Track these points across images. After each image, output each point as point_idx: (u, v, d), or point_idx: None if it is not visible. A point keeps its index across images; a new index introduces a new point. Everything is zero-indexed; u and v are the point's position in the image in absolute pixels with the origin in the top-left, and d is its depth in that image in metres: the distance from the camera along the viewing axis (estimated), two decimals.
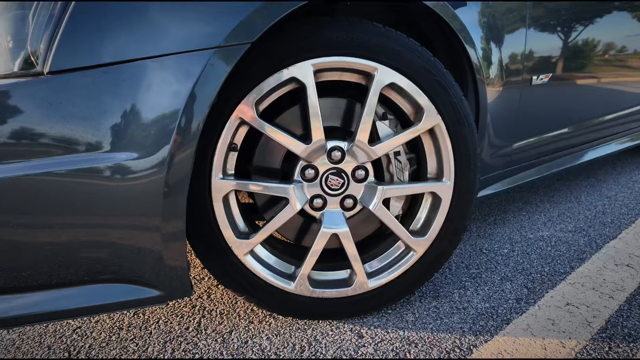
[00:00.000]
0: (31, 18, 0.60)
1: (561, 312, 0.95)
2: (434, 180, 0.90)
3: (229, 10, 0.63)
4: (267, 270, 0.86)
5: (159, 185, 0.62)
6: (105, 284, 0.66)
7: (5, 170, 0.57)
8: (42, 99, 0.58)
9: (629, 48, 1.58)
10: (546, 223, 1.46)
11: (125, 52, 0.59)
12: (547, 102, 1.28)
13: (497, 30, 1.00)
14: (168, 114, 0.60)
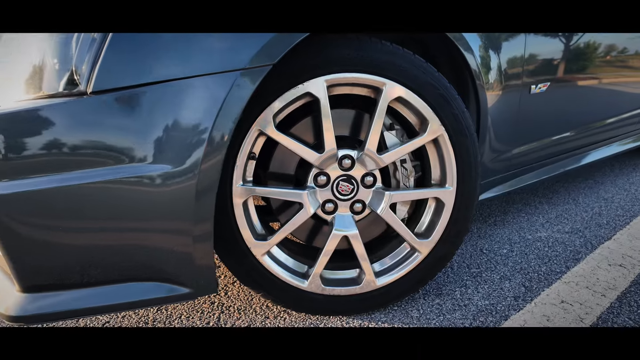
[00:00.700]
0: (74, 44, 0.67)
1: (556, 309, 1.01)
2: (438, 186, 0.96)
3: (252, 36, 0.69)
4: (282, 269, 0.93)
5: (190, 192, 0.69)
6: (142, 282, 0.73)
7: (61, 180, 0.64)
8: (86, 117, 0.65)
9: (624, 55, 1.64)
10: (544, 224, 1.52)
11: (161, 73, 0.66)
12: (545, 109, 1.34)
13: (497, 47, 1.07)
14: (200, 129, 0.67)
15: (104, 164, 0.65)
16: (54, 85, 0.67)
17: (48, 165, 0.65)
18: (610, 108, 1.71)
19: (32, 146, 0.65)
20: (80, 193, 0.65)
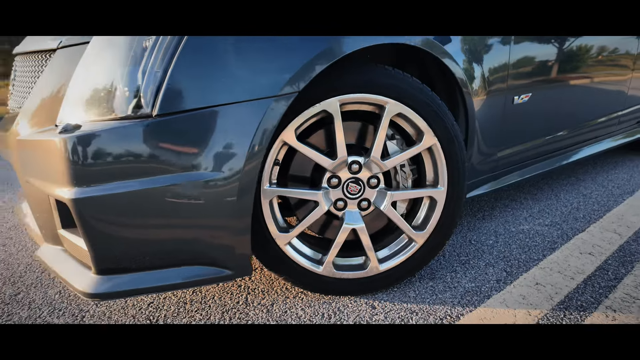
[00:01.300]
0: (140, 75, 0.83)
1: (531, 289, 1.20)
2: (431, 187, 1.14)
3: (281, 70, 0.86)
4: (301, 256, 1.11)
5: (234, 193, 0.86)
6: (194, 266, 0.91)
7: (134, 185, 0.81)
8: (153, 135, 0.82)
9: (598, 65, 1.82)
10: (527, 218, 1.70)
11: (212, 100, 0.83)
12: (527, 117, 1.52)
13: (482, 66, 1.24)
14: (242, 143, 0.84)
15: (168, 171, 0.83)
16: (123, 109, 0.84)
17: (123, 174, 0.82)
18: (588, 113, 1.89)
19: (110, 159, 0.82)
20: (149, 195, 0.83)
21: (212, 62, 0.83)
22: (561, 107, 1.67)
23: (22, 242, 1.60)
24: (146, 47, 0.84)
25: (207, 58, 0.83)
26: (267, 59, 0.87)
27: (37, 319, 1.11)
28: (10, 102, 1.27)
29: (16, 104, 1.19)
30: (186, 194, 0.84)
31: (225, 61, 0.84)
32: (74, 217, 0.83)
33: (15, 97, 1.21)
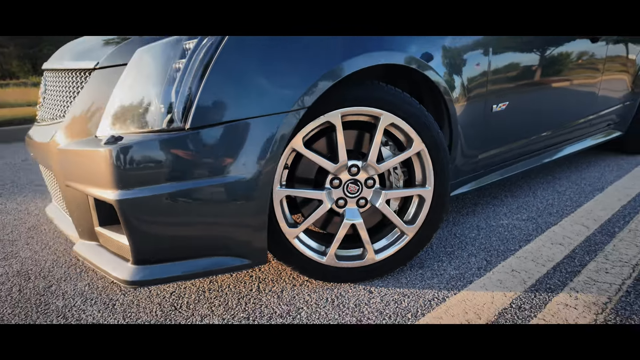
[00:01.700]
0: (174, 94, 0.98)
1: (507, 275, 1.37)
2: (420, 187, 1.31)
3: (294, 89, 1.02)
4: (307, 248, 1.26)
5: (254, 194, 1.01)
6: (219, 257, 1.06)
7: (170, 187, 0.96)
8: (186, 145, 0.96)
9: (570, 74, 2.00)
10: (506, 213, 1.88)
11: (236, 115, 0.98)
12: (505, 123, 1.69)
13: (463, 79, 1.41)
14: (262, 151, 1.00)
15: (198, 176, 0.97)
16: (158, 123, 0.98)
17: (159, 179, 0.96)
18: (562, 118, 2.08)
19: (148, 166, 0.96)
20: (182, 197, 0.97)
21: (236, 82, 0.99)
22: (536, 114, 1.85)
23: (44, 241, 1.72)
24: (178, 69, 0.99)
25: (232, 79, 0.98)
26: (282, 80, 1.02)
27: (72, 307, 1.25)
28: (41, 113, 1.40)
29: (48, 115, 1.32)
30: (213, 196, 0.99)
31: (247, 82, 0.99)
32: (119, 216, 0.98)
33: (47, 108, 1.35)
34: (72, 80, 1.21)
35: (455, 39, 1.36)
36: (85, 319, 1.19)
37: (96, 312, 1.22)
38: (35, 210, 2.10)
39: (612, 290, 1.28)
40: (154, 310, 1.22)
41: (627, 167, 2.66)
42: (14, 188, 2.49)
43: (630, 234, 1.67)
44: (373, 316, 1.17)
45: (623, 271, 1.38)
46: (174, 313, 1.20)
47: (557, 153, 2.18)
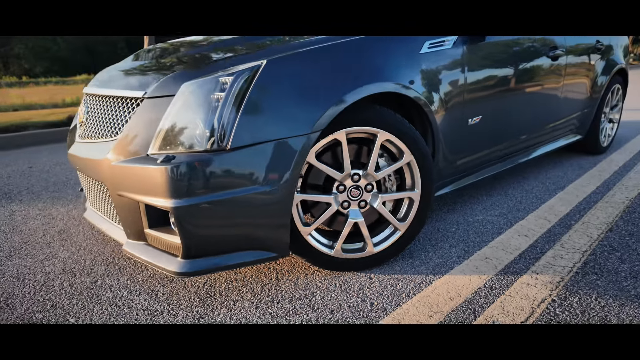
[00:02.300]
0: (217, 122, 1.22)
1: (482, 262, 1.66)
2: (410, 190, 1.58)
3: (312, 115, 1.27)
4: (318, 243, 1.52)
5: (279, 200, 1.27)
6: (254, 250, 1.31)
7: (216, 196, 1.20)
8: (227, 162, 1.21)
9: (535, 89, 2.32)
10: (481, 210, 2.19)
11: (267, 137, 1.23)
12: (479, 134, 1.98)
13: (444, 99, 1.69)
14: (286, 166, 1.25)
15: (237, 186, 1.22)
16: (204, 145, 1.22)
17: (206, 189, 1.20)
18: (530, 126, 2.39)
19: (197, 179, 1.20)
20: (224, 203, 1.22)
21: (265, 111, 1.24)
22: (507, 124, 2.16)
23: (77, 243, 1.93)
24: (218, 100, 1.23)
25: (262, 109, 1.23)
26: (302, 108, 1.28)
27: (121, 298, 1.47)
28: (82, 131, 1.62)
29: (92, 134, 1.54)
30: (250, 202, 1.24)
31: (274, 111, 1.25)
32: (174, 220, 1.22)
33: (90, 128, 1.56)
34: (120, 106, 1.44)
35: (433, 62, 1.64)
36: (135, 307, 1.42)
37: (143, 301, 1.45)
38: (58, 215, 2.29)
39: (564, 271, 1.58)
40: (192, 298, 1.46)
41: (587, 166, 3.01)
42: (30, 195, 2.66)
43: (583, 226, 1.99)
44: (374, 297, 1.44)
45: (574, 257, 1.69)
46: (210, 299, 1.45)
47: (526, 156, 2.49)
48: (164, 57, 1.66)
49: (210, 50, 1.60)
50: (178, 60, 1.55)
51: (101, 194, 1.55)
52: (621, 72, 3.31)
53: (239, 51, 1.46)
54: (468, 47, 1.80)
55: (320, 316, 1.34)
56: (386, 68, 1.47)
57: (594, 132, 3.17)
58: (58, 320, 1.36)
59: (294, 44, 1.41)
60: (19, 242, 1.95)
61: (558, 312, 1.34)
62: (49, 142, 4.44)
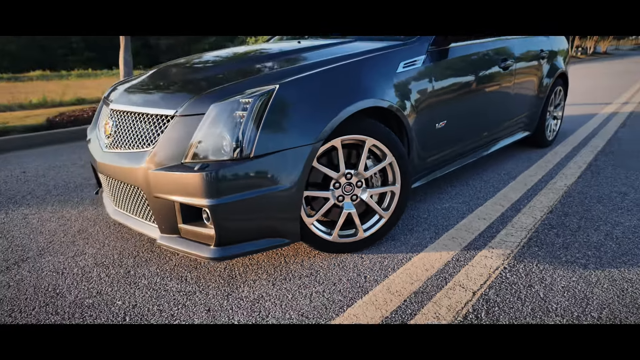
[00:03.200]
0: (242, 134, 1.52)
1: (450, 241, 2.05)
2: (392, 185, 1.94)
3: (317, 127, 1.60)
4: (319, 231, 1.85)
5: (292, 197, 1.59)
6: (271, 238, 1.62)
7: (243, 195, 1.50)
8: (250, 168, 1.51)
9: (492, 95, 2.73)
10: (448, 199, 2.59)
11: (282, 146, 1.54)
12: (445, 136, 2.37)
13: (417, 109, 2.05)
14: (297, 169, 1.57)
15: (259, 187, 1.53)
16: (231, 154, 1.52)
17: (234, 190, 1.50)
18: (488, 126, 2.82)
19: (227, 182, 1.50)
20: (249, 201, 1.52)
21: (281, 126, 1.55)
22: (468, 126, 2.56)
23: (99, 240, 2.16)
24: (241, 117, 1.53)
25: (278, 124, 1.54)
26: (309, 123, 1.60)
27: (156, 283, 1.75)
28: (110, 142, 1.86)
29: (122, 145, 1.79)
30: (269, 199, 1.55)
31: (288, 125, 1.56)
32: (210, 215, 1.51)
33: (120, 140, 1.81)
34: (152, 122, 1.70)
35: (407, 79, 2.00)
36: (170, 290, 1.70)
37: (176, 285, 1.73)
38: (71, 216, 2.49)
39: (514, 246, 1.99)
40: (217, 280, 1.75)
41: (535, 158, 3.50)
42: (36, 199, 2.83)
43: (530, 209, 2.42)
44: (367, 272, 1.79)
45: (522, 234, 2.11)
46: (233, 280, 1.75)
47: (486, 151, 2.92)
48: (181, 78, 1.93)
49: (225, 72, 1.88)
50: (197, 81, 1.83)
51: (132, 196, 1.81)
52: (562, 75, 3.82)
53: (251, 73, 1.76)
54: (434, 64, 2.18)
55: (326, 288, 1.68)
56: (371, 87, 1.82)
57: (541, 128, 3.67)
58: (107, 304, 1.62)
59: (294, 68, 1.73)
60: (44, 242, 2.16)
61: (508, 276, 1.74)
62: (30, 147, 4.49)
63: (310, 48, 2.14)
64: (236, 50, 2.57)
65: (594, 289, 1.65)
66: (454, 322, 1.46)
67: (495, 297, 1.60)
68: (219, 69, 1.95)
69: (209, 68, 2.07)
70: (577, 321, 1.45)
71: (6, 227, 2.36)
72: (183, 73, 2.02)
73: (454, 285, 1.68)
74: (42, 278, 1.82)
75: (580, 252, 1.93)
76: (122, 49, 5.88)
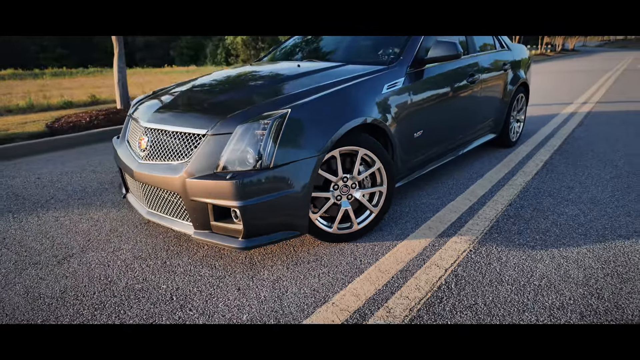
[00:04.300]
0: (262, 148, 1.92)
1: (427, 230, 2.50)
2: (380, 186, 2.38)
3: (322, 141, 2.01)
4: (321, 225, 2.27)
5: (303, 197, 2.00)
6: (286, 231, 2.03)
7: (262, 197, 1.91)
8: (270, 177, 1.92)
9: (462, 104, 3.20)
10: (425, 196, 3.05)
11: (295, 157, 1.95)
12: (424, 143, 2.82)
13: (399, 123, 2.50)
14: (307, 176, 1.98)
15: (278, 190, 1.93)
16: (254, 164, 1.92)
17: (258, 194, 1.89)
18: (459, 132, 3.29)
19: (252, 187, 1.90)
20: (270, 202, 1.93)
21: (293, 141, 1.96)
22: (441, 133, 3.03)
23: (131, 238, 2.52)
24: (262, 135, 1.93)
25: (292, 140, 1.95)
26: (316, 138, 2.01)
27: (191, 270, 2.13)
28: (144, 155, 2.23)
29: (156, 157, 2.16)
30: (285, 200, 1.96)
31: (299, 140, 1.97)
32: (239, 213, 1.91)
33: (156, 153, 2.18)
34: (186, 139, 2.08)
35: (390, 98, 2.44)
36: (204, 275, 2.09)
37: (208, 271, 2.12)
38: (99, 218, 2.83)
39: (478, 233, 2.46)
40: (240, 266, 2.15)
41: (500, 157, 4.01)
42: (60, 203, 3.14)
43: (493, 202, 2.91)
44: (361, 256, 2.22)
45: (485, 223, 2.59)
46: (253, 266, 2.15)
47: (457, 153, 3.40)
48: (205, 100, 2.32)
49: (242, 96, 2.28)
50: (220, 104, 2.22)
51: (169, 199, 2.18)
52: (523, 84, 4.35)
53: (265, 97, 2.16)
54: (412, 84, 2.62)
55: (330, 270, 2.10)
56: (362, 107, 2.24)
57: (505, 131, 4.18)
58: (154, 287, 2.00)
59: (302, 92, 2.15)
60: (82, 241, 2.50)
61: (473, 257, 2.20)
62: (34, 154, 4.72)
63: (310, 72, 2.55)
64: (244, 71, 2.96)
65: (538, 264, 2.12)
66: (431, 290, 1.91)
67: (462, 272, 2.06)
68: (236, 93, 2.34)
69: (226, 91, 2.45)
70: (521, 287, 1.93)
71: (43, 229, 2.68)
72: (204, 96, 2.40)
73: (431, 265, 2.13)
74: (92, 270, 2.17)
75: (530, 237, 2.41)
76: (115, 57, 6.11)
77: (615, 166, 3.71)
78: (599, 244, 2.31)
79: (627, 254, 2.20)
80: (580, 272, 2.04)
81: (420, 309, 1.78)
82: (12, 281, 2.08)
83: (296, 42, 3.72)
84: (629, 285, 1.93)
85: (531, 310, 1.76)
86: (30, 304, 1.89)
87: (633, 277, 1.99)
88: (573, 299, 1.84)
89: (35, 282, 2.06)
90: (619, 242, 2.32)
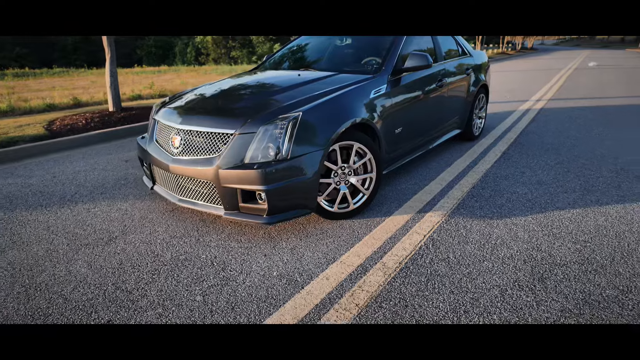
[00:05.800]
0: (280, 144, 2.44)
1: (408, 208, 3.09)
2: (370, 173, 2.94)
3: (327, 136, 2.55)
4: (325, 205, 2.81)
5: (312, 182, 2.53)
6: (300, 209, 2.56)
7: (287, 182, 2.43)
8: (288, 166, 2.44)
9: (433, 104, 3.82)
10: (404, 182, 3.64)
11: (307, 150, 2.48)
12: (403, 138, 3.41)
13: (384, 121, 3.07)
14: (316, 164, 2.51)
15: (293, 177, 2.46)
16: (273, 157, 2.44)
17: (278, 179, 2.40)
18: (433, 128, 3.91)
19: (274, 175, 2.41)
20: (289, 186, 2.45)
21: (305, 138, 2.48)
22: (417, 129, 3.63)
23: (162, 224, 2.97)
24: (279, 133, 2.45)
25: (303, 136, 2.48)
26: (322, 134, 2.54)
27: (221, 244, 2.62)
28: (178, 151, 2.69)
29: (189, 153, 2.63)
30: (299, 184, 2.49)
31: (309, 137, 2.50)
32: (265, 196, 2.42)
33: (189, 149, 2.65)
34: (216, 137, 2.56)
35: (376, 101, 3.01)
36: (233, 247, 2.58)
37: (235, 244, 2.61)
38: (128, 208, 3.25)
39: (448, 209, 3.07)
40: (262, 240, 2.66)
41: (466, 149, 4.67)
42: (85, 197, 3.52)
43: (459, 186, 3.54)
44: (358, 229, 2.77)
45: (453, 202, 3.21)
46: (272, 239, 2.66)
47: (430, 146, 4.01)
48: (227, 104, 2.82)
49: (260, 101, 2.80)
50: (243, 108, 2.72)
51: (202, 187, 2.66)
52: (484, 85, 5.04)
53: (280, 102, 2.68)
54: (392, 89, 3.20)
55: (335, 239, 2.64)
56: (355, 110, 2.80)
57: (469, 126, 4.85)
58: (195, 257, 2.48)
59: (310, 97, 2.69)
60: (119, 227, 2.93)
61: (445, 226, 2.80)
62: (34, 156, 5.00)
63: (310, 81, 3.09)
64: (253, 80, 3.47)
65: (494, 229, 2.75)
66: (414, 249, 2.48)
67: (437, 237, 2.65)
68: (253, 99, 2.86)
69: (243, 98, 2.95)
70: (482, 245, 2.53)
71: (80, 218, 3.09)
72: (225, 102, 2.89)
73: (412, 232, 2.71)
74: (138, 247, 2.62)
75: (489, 210, 3.04)
76: (107, 61, 6.39)
77: (559, 154, 4.44)
78: (541, 214, 2.97)
79: (561, 220, 2.87)
80: (525, 234, 2.68)
81: (407, 262, 2.35)
82: (72, 258, 2.51)
83: (292, 50, 4.27)
84: (559, 241, 2.58)
85: (488, 260, 2.37)
86: (95, 273, 2.33)
87: (564, 236, 2.64)
88: (519, 251, 2.46)
89: (93, 258, 2.50)
90: (556, 212, 2.99)
